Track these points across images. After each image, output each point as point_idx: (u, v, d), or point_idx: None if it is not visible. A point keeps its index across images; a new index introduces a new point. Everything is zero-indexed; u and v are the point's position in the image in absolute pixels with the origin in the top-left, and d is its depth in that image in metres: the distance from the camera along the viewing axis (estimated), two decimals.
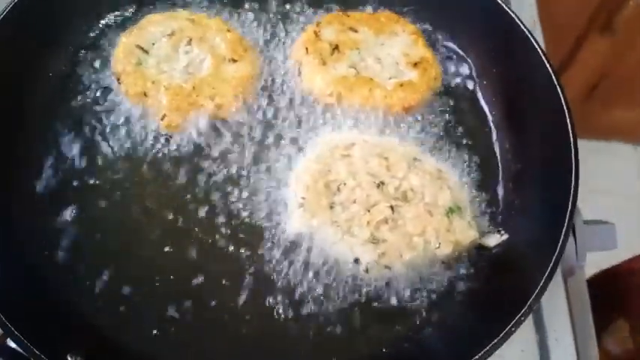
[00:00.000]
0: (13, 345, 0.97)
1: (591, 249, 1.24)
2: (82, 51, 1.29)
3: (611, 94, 2.58)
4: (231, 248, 1.11)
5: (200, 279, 1.09)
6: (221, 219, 1.13)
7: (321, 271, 1.09)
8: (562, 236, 1.02)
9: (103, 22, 1.32)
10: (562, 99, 1.12)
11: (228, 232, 1.12)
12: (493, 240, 1.13)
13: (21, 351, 0.93)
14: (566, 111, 1.11)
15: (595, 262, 1.37)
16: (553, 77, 1.15)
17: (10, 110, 1.18)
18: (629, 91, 2.54)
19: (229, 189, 1.16)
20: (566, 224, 1.02)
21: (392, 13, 1.33)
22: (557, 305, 1.21)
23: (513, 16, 1.22)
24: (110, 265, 1.09)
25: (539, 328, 1.19)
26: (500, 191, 1.20)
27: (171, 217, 1.13)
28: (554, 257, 1.00)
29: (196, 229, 1.13)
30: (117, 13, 1.33)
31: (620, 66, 2.45)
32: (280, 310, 1.07)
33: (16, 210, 1.12)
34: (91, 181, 1.16)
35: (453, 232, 1.11)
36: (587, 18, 2.34)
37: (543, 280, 0.98)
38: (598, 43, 2.39)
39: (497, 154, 1.23)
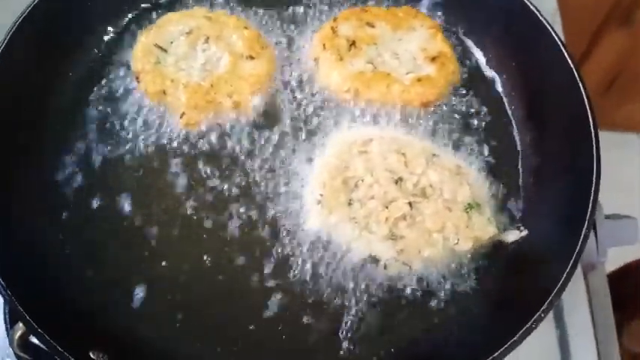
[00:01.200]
0: (36, 341, 0.99)
1: (612, 244, 1.23)
2: (101, 50, 1.30)
3: (629, 87, 2.55)
4: (249, 245, 1.11)
5: (218, 277, 1.09)
6: (238, 216, 1.14)
7: (339, 268, 1.09)
8: (583, 231, 1.00)
9: (121, 21, 1.33)
10: (583, 92, 1.11)
11: (246, 228, 1.13)
12: (512, 236, 1.12)
13: (44, 347, 0.94)
14: (587, 104, 1.10)
15: (614, 259, 1.35)
16: (574, 70, 1.13)
17: (22, 110, 1.19)
18: None
19: (247, 186, 1.16)
20: (587, 219, 1.01)
21: (410, 7, 1.32)
22: (578, 300, 1.20)
23: (533, 8, 1.21)
24: (123, 263, 1.11)
25: (560, 323, 1.18)
26: (520, 187, 1.19)
27: (187, 214, 1.14)
28: (575, 253, 0.99)
29: (213, 226, 1.13)
30: (135, 12, 1.34)
31: (638, 59, 2.42)
32: (298, 307, 1.07)
33: (16, 210, 1.11)
34: (104, 179, 1.17)
35: (472, 228, 1.10)
36: (606, 11, 2.32)
37: (564, 277, 0.97)
38: (616, 36, 2.36)
39: (517, 148, 1.22)
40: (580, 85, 1.12)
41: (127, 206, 1.15)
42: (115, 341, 1.03)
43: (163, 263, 1.10)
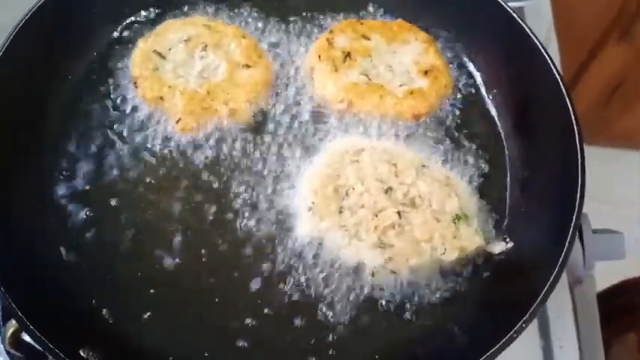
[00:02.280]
0: (28, 339, 1.00)
1: (599, 258, 1.24)
2: (101, 54, 1.31)
3: (628, 100, 2.55)
4: (240, 252, 1.13)
5: (210, 280, 1.11)
6: (231, 223, 1.15)
7: (328, 275, 1.11)
8: (567, 244, 1.02)
9: (121, 27, 1.35)
10: (570, 109, 1.13)
11: (238, 235, 1.14)
12: (498, 247, 1.14)
13: (36, 345, 0.95)
14: (574, 121, 1.11)
15: (605, 275, 1.36)
16: (562, 88, 1.15)
17: (22, 110, 1.20)
18: None
19: (239, 192, 1.18)
20: (571, 231, 1.02)
21: (404, 21, 1.34)
22: (563, 313, 1.21)
23: (524, 26, 1.23)
24: (118, 263, 1.12)
25: (544, 335, 1.19)
26: (508, 198, 1.20)
27: (181, 218, 1.15)
28: (558, 264, 1.00)
29: (206, 231, 1.15)
30: (135, 18, 1.36)
31: (638, 73, 2.43)
32: (287, 311, 1.08)
33: (16, 210, 1.12)
34: (101, 182, 1.18)
35: (460, 238, 1.12)
36: (606, 25, 2.32)
37: (547, 287, 0.98)
38: (616, 49, 2.37)
39: (506, 162, 1.24)
40: (567, 100, 1.13)
41: (124, 207, 1.16)
42: (115, 341, 1.04)
43: (161, 265, 1.11)
